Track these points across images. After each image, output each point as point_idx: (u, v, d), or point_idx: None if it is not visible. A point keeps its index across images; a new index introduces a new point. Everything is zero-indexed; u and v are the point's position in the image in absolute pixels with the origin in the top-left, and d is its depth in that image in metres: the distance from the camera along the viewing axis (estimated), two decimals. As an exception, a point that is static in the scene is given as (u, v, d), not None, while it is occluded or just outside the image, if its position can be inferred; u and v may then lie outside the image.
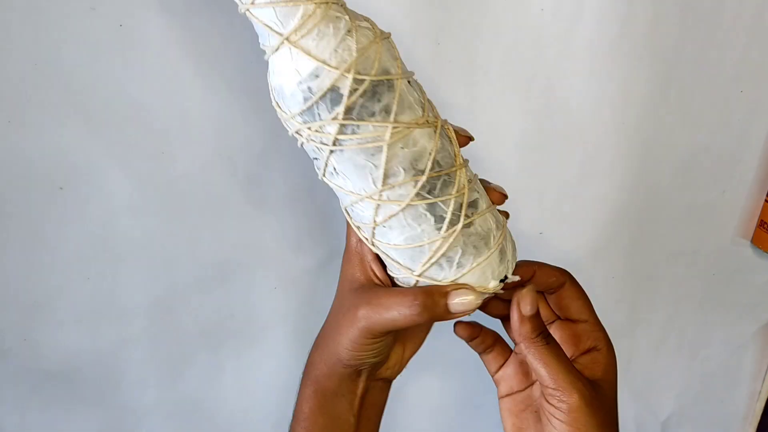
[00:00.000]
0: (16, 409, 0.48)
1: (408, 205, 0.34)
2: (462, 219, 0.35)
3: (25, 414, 0.48)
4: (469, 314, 0.37)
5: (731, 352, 0.64)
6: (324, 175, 0.35)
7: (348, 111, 0.32)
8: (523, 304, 0.37)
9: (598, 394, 0.37)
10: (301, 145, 0.35)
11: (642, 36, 0.47)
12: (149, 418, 0.51)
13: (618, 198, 0.53)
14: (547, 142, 0.50)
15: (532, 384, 0.43)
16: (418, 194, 0.34)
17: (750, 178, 0.55)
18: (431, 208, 0.35)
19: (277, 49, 0.32)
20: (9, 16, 0.38)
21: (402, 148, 0.33)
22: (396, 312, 0.35)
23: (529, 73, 0.47)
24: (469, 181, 0.36)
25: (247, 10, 0.31)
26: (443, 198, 0.35)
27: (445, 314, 0.36)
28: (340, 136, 0.32)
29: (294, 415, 0.41)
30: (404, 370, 0.56)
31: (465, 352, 0.46)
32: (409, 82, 0.34)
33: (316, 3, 0.31)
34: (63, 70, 0.40)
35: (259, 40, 0.33)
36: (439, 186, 0.35)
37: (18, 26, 0.38)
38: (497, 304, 0.42)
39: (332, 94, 0.31)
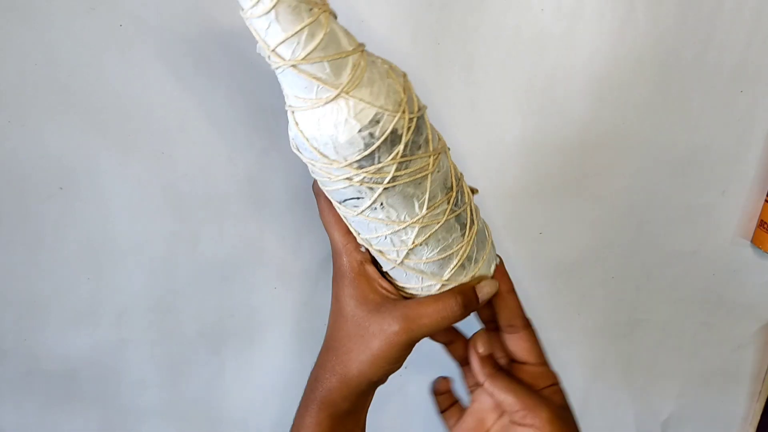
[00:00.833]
0: (16, 409, 0.48)
1: (445, 220, 0.36)
2: (475, 221, 0.39)
3: (25, 414, 0.48)
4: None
5: (731, 352, 0.64)
6: (361, 213, 0.35)
7: (404, 149, 0.33)
8: (478, 344, 0.42)
9: (564, 413, 0.41)
10: (329, 190, 0.35)
11: (642, 36, 0.47)
12: (149, 418, 0.51)
13: (618, 198, 0.53)
14: (547, 142, 0.50)
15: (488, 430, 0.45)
16: (450, 209, 0.37)
17: (750, 178, 0.55)
18: (458, 218, 0.38)
19: (328, 101, 0.31)
20: (9, 16, 0.38)
21: (438, 171, 0.35)
22: (439, 317, 0.38)
23: (529, 73, 0.47)
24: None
25: (293, 65, 0.30)
26: (463, 207, 0.38)
27: (477, 306, 0.40)
28: (397, 173, 0.33)
29: None
30: (404, 370, 0.56)
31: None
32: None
33: (359, 52, 0.31)
34: (63, 70, 0.40)
35: (292, 92, 0.32)
36: (460, 197, 0.37)
37: (18, 26, 0.38)
38: (458, 346, 0.46)
39: (392, 136, 0.32)
